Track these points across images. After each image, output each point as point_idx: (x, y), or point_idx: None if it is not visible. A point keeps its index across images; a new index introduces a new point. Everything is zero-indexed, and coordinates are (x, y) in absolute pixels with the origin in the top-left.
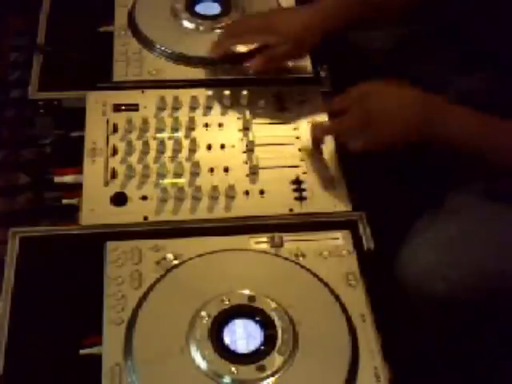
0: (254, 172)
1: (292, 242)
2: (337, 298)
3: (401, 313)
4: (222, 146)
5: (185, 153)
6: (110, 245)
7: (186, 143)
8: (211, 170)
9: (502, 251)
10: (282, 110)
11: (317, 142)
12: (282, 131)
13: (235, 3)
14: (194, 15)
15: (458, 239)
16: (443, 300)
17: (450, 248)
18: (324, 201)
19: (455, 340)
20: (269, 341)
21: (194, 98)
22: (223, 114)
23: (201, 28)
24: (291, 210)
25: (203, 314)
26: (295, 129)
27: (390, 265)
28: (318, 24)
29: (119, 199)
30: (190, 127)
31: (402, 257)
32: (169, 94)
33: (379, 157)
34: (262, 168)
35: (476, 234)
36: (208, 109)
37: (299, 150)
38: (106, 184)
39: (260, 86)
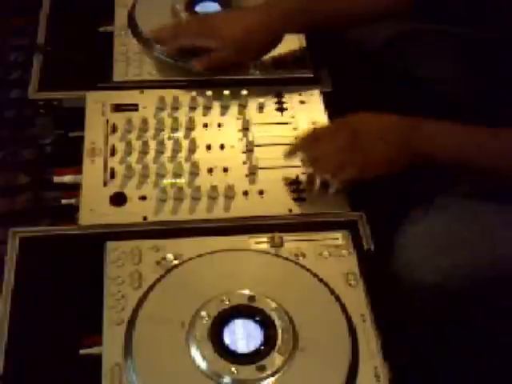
0: (253, 172)
1: (292, 242)
2: (337, 298)
3: (401, 313)
4: (222, 146)
5: (184, 153)
6: (110, 245)
7: (185, 143)
8: (210, 170)
9: (494, 241)
10: (282, 110)
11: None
12: (282, 131)
13: (235, 3)
14: (194, 15)
15: (450, 230)
16: (436, 290)
17: (443, 239)
18: (323, 201)
19: (454, 335)
20: (269, 341)
21: (194, 98)
22: (223, 114)
23: None
24: (290, 210)
25: (203, 313)
26: (295, 129)
27: (388, 263)
28: (261, 29)
29: (118, 199)
30: (190, 127)
31: (396, 249)
32: (168, 94)
33: None
34: (262, 168)
35: (468, 225)
36: (207, 109)
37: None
38: (105, 184)
39: (260, 86)
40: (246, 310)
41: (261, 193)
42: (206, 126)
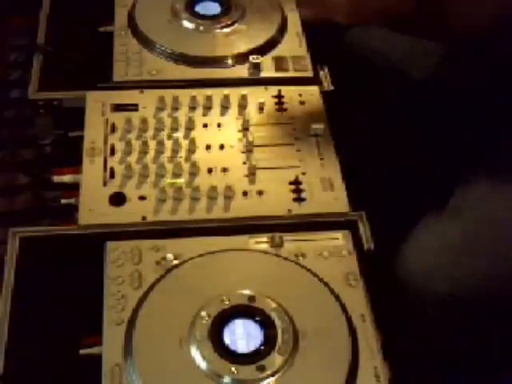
0: (252, 172)
1: (292, 242)
2: (337, 297)
3: (401, 313)
4: (221, 147)
5: (184, 153)
6: (110, 245)
7: (184, 143)
8: (210, 170)
9: (505, 252)
10: (282, 110)
11: None
12: (282, 131)
13: (235, 3)
14: (194, 15)
15: (461, 239)
16: (445, 299)
17: (454, 248)
18: (323, 202)
19: (456, 340)
20: (269, 341)
21: (194, 98)
22: (222, 114)
23: (201, 28)
24: (290, 210)
25: (203, 314)
26: (294, 129)
27: (390, 264)
28: None
29: (118, 199)
30: (189, 127)
31: (405, 255)
32: (168, 94)
33: (379, 156)
34: (261, 168)
35: (479, 235)
36: (207, 109)
37: (298, 150)
38: (105, 184)
39: (260, 86)
40: (246, 310)
41: (260, 193)
42: (205, 126)
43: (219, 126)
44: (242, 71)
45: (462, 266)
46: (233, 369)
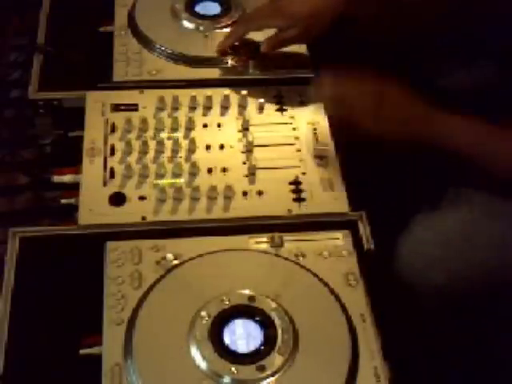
0: (252, 172)
1: (292, 242)
2: (337, 297)
3: (401, 312)
4: (221, 147)
5: (183, 153)
6: (110, 245)
7: (184, 143)
8: (210, 170)
9: (504, 245)
10: (282, 110)
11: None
12: (282, 132)
13: (235, 3)
14: (194, 15)
15: (460, 232)
16: (444, 293)
17: (452, 241)
18: (323, 202)
19: (455, 335)
20: (269, 341)
21: (194, 98)
22: (222, 114)
23: (201, 28)
24: (290, 210)
25: (203, 314)
26: (294, 129)
27: (390, 263)
28: (327, 10)
29: (117, 199)
30: (189, 127)
31: (403, 249)
32: (168, 94)
33: (379, 156)
34: (261, 168)
35: (478, 228)
36: (207, 109)
37: (298, 150)
38: (105, 184)
39: (260, 86)
40: (246, 310)
41: (260, 193)
42: (205, 126)
43: (219, 126)
44: (242, 71)
45: (460, 258)
46: (233, 369)
